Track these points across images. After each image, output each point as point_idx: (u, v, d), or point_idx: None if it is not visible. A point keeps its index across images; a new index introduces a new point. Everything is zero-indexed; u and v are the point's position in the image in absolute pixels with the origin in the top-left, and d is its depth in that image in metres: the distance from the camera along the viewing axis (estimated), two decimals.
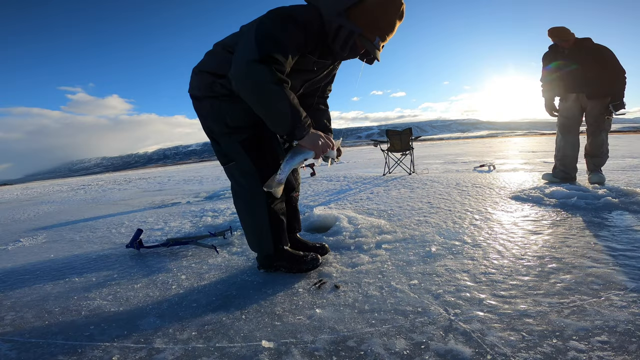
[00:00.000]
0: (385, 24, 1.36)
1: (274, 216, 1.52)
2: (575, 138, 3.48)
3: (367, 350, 0.96)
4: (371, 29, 1.35)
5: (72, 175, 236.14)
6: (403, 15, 1.39)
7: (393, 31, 1.39)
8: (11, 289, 1.68)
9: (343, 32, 1.32)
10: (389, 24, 1.36)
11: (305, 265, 1.55)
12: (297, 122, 1.26)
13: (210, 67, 1.43)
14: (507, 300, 1.17)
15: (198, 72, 1.47)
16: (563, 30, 3.29)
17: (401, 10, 1.37)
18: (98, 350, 1.06)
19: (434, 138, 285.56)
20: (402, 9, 1.37)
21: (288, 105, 1.23)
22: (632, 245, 1.60)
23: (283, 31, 1.25)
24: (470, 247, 1.73)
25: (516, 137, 53.53)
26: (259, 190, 1.44)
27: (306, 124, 1.30)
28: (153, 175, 13.62)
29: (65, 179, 30.30)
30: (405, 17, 1.40)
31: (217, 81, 1.40)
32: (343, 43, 1.34)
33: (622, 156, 6.57)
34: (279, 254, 1.56)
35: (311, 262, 1.56)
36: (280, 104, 1.23)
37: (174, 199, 4.81)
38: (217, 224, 2.69)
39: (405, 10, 1.38)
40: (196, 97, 1.50)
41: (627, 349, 0.88)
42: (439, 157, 10.39)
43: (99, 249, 2.34)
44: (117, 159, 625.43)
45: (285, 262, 1.56)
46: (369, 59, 1.45)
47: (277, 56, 1.22)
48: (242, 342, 1.05)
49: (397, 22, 1.38)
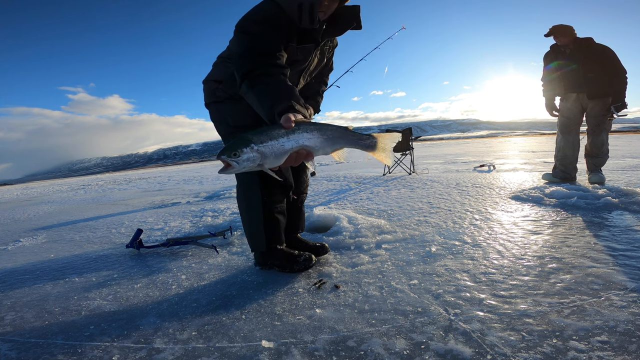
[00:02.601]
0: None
1: (269, 214, 1.55)
2: (575, 138, 3.48)
3: (367, 350, 0.96)
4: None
5: (72, 175, 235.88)
6: None
7: None
8: (11, 289, 1.68)
9: (305, 8, 1.31)
10: None
11: (297, 266, 1.57)
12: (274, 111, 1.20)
13: (213, 76, 1.57)
14: (507, 300, 1.17)
15: (205, 82, 1.61)
16: (565, 26, 3.29)
17: None
18: (98, 350, 1.06)
19: (433, 138, 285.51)
20: None
21: (260, 110, 1.23)
22: (632, 245, 1.60)
23: (253, 40, 1.28)
24: (470, 247, 1.73)
25: (516, 137, 53.54)
26: (255, 187, 1.51)
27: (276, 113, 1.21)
28: (153, 175, 13.63)
29: (65, 179, 30.32)
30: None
31: (219, 87, 1.53)
32: (310, 18, 1.34)
33: (622, 156, 6.57)
34: (272, 252, 1.59)
35: (304, 263, 1.57)
36: (257, 109, 1.25)
37: (174, 199, 4.81)
38: (217, 224, 2.69)
39: None
40: (207, 105, 1.62)
41: (627, 349, 0.88)
42: (439, 157, 10.39)
43: (99, 249, 2.34)
44: (117, 159, 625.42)
45: (278, 261, 1.59)
46: (355, 26, 1.47)
47: (258, 66, 1.24)
48: (242, 342, 1.05)
49: None
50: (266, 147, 1.01)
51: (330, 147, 1.12)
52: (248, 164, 1.01)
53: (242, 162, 1.00)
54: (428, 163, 8.07)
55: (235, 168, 1.01)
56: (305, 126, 1.07)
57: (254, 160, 1.00)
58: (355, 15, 1.45)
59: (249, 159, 1.00)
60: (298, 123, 1.06)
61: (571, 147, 3.47)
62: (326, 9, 1.36)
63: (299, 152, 1.06)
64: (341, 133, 1.13)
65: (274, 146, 1.02)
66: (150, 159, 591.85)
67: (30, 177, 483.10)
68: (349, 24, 1.46)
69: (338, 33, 1.51)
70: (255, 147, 1.00)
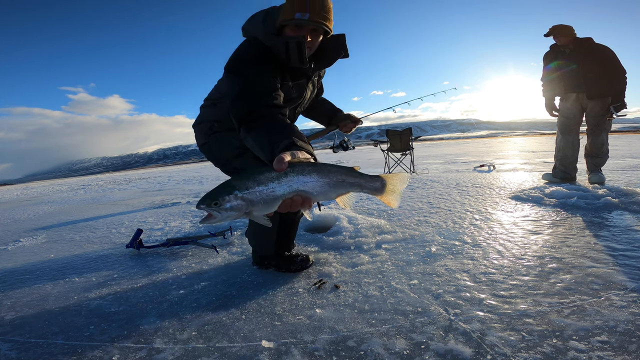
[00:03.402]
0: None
1: (284, 220, 1.55)
2: (575, 138, 3.48)
3: (367, 350, 0.96)
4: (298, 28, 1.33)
5: (72, 175, 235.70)
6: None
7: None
8: (11, 289, 1.68)
9: (292, 47, 1.30)
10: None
11: (294, 266, 1.58)
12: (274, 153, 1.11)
13: (205, 117, 1.59)
14: (507, 300, 1.17)
15: (197, 125, 1.62)
16: (564, 26, 3.29)
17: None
18: (98, 350, 1.06)
19: (433, 138, 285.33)
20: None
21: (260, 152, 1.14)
22: (632, 245, 1.60)
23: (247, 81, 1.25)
24: (470, 247, 1.73)
25: (516, 137, 53.54)
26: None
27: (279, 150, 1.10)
28: (153, 175, 13.62)
29: (65, 179, 30.31)
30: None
31: (215, 124, 1.56)
32: (299, 57, 1.32)
33: (622, 156, 6.57)
34: (276, 255, 1.60)
35: (301, 263, 1.59)
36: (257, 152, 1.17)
37: (174, 199, 4.81)
38: (217, 224, 2.69)
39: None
40: (203, 144, 1.61)
41: (627, 349, 0.88)
42: (439, 157, 10.39)
43: (99, 249, 2.34)
44: (117, 159, 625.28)
45: (275, 261, 1.60)
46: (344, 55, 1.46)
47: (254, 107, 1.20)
48: (242, 342, 1.05)
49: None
50: (252, 194, 0.88)
51: (333, 192, 0.97)
52: (232, 214, 0.88)
53: (224, 212, 0.88)
54: (428, 163, 8.07)
55: (217, 218, 0.89)
56: (302, 168, 0.92)
57: (239, 208, 0.88)
58: (342, 44, 1.45)
59: (232, 207, 0.87)
60: (293, 164, 0.92)
61: (571, 147, 3.47)
62: (312, 45, 1.36)
63: (294, 198, 0.91)
64: (345, 175, 0.98)
65: (262, 192, 0.89)
66: (150, 159, 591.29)
67: (30, 177, 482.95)
68: (337, 54, 1.46)
69: (327, 65, 1.50)
70: (239, 194, 0.87)
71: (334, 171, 0.96)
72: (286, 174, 0.90)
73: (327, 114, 1.86)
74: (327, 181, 0.95)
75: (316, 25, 1.30)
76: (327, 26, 1.33)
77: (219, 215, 0.88)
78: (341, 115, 1.84)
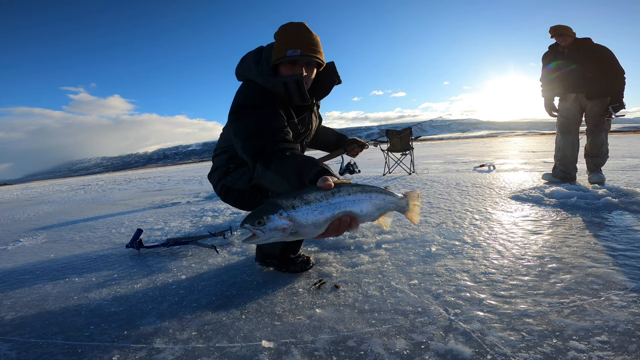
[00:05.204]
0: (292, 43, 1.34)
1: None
2: (575, 138, 3.48)
3: (367, 350, 0.96)
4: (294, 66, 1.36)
5: (72, 175, 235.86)
6: (291, 29, 1.36)
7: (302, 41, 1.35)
8: (11, 289, 1.68)
9: (291, 86, 1.33)
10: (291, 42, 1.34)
11: (294, 267, 1.58)
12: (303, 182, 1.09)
13: (219, 164, 1.63)
14: (507, 300, 1.17)
15: (212, 173, 1.66)
16: (563, 26, 3.29)
17: (286, 29, 1.35)
18: (98, 350, 1.06)
19: (433, 138, 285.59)
20: (287, 28, 1.35)
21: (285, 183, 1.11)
22: (632, 245, 1.60)
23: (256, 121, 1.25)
24: (470, 247, 1.73)
25: (516, 137, 53.55)
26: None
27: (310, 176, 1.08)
28: (153, 175, 13.62)
29: (65, 179, 30.30)
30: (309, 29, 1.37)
31: (230, 166, 1.59)
32: (300, 95, 1.36)
33: (622, 156, 6.57)
34: (279, 255, 1.59)
35: (301, 265, 1.59)
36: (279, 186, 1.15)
37: (174, 199, 4.80)
38: (217, 224, 2.69)
39: (292, 25, 1.36)
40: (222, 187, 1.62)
41: (627, 349, 0.88)
42: (439, 157, 10.40)
43: (99, 249, 2.34)
44: (117, 159, 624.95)
45: (276, 260, 1.60)
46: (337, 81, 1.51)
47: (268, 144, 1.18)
48: (242, 342, 1.05)
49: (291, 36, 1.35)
50: (299, 213, 0.84)
51: (377, 212, 0.97)
52: (277, 234, 0.84)
53: (268, 232, 0.83)
54: (428, 163, 8.07)
55: (260, 238, 0.84)
56: (348, 188, 0.90)
57: (284, 228, 0.84)
58: (333, 72, 1.50)
59: (276, 227, 0.83)
60: (338, 184, 0.89)
61: (571, 147, 3.47)
62: (308, 79, 1.39)
63: (342, 219, 0.88)
64: (385, 195, 0.99)
65: (310, 212, 0.85)
66: (150, 159, 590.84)
67: (30, 177, 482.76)
68: (332, 82, 1.50)
69: (325, 94, 1.54)
70: (284, 214, 0.83)
71: (376, 191, 0.97)
72: (333, 194, 0.88)
73: (333, 141, 1.89)
74: (373, 202, 0.95)
75: (309, 59, 1.34)
76: (319, 58, 1.37)
77: (262, 235, 0.84)
78: (348, 140, 1.88)
